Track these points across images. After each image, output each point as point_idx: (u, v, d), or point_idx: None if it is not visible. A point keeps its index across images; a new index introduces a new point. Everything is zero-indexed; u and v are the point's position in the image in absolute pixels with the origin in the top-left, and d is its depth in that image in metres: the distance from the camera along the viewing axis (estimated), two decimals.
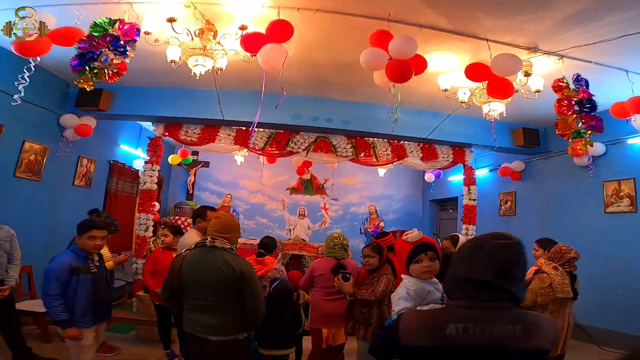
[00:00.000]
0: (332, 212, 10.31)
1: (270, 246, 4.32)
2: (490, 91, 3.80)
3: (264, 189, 10.24)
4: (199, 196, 9.98)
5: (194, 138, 6.14)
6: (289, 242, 6.77)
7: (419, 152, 6.60)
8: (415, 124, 6.22)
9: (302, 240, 9.82)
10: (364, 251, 3.53)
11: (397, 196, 10.73)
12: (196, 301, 2.46)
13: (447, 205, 10.13)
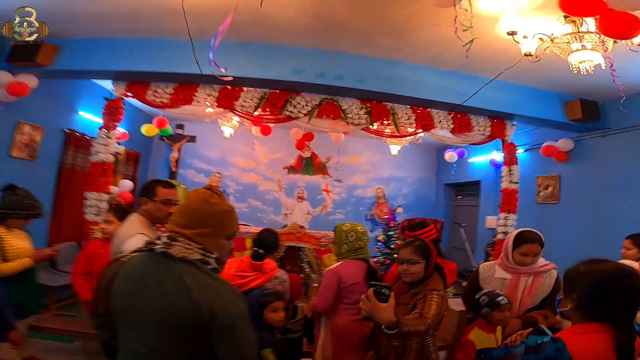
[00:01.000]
0: (335, 195, 9.00)
1: (272, 244, 3.07)
2: (608, 28, 2.63)
3: (258, 167, 8.87)
4: (183, 175, 8.63)
5: (164, 99, 4.74)
6: (284, 230, 5.43)
7: (450, 123, 5.22)
8: (447, 88, 4.86)
9: (300, 228, 8.56)
10: (402, 254, 2.30)
11: (408, 179, 9.39)
12: (129, 343, 1.30)
13: (465, 190, 8.81)
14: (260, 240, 3.00)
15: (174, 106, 4.75)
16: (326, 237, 5.43)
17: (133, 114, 7.42)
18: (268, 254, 2.92)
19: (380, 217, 8.98)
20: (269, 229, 3.25)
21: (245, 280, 2.76)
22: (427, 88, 4.79)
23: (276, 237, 3.14)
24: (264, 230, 3.19)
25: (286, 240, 5.42)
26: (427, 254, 2.25)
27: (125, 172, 7.37)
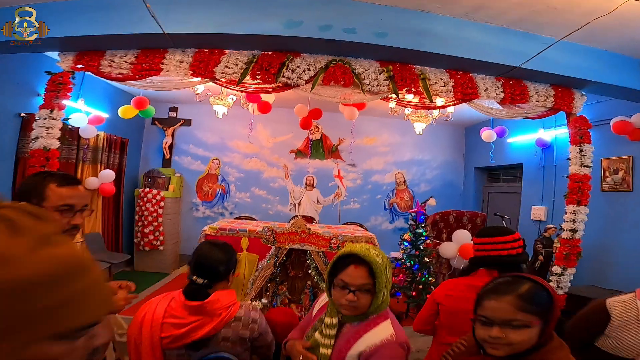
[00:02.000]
0: (349, 181, 7.87)
1: (219, 268, 1.86)
2: None
3: (261, 152, 7.75)
4: (178, 162, 7.59)
5: (124, 69, 3.62)
6: (285, 230, 4.33)
7: (499, 91, 3.96)
8: (498, 47, 3.66)
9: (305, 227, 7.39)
10: (492, 308, 1.22)
11: (432, 162, 8.14)
12: None
13: (502, 175, 7.50)
14: (199, 264, 1.82)
15: (138, 77, 3.63)
16: (338, 237, 4.31)
17: (115, 96, 6.38)
18: (215, 283, 1.81)
19: (400, 206, 7.83)
20: (212, 241, 2.00)
21: (183, 331, 1.68)
22: (469, 45, 3.56)
23: (228, 253, 1.93)
24: (204, 244, 1.96)
25: (288, 241, 4.32)
26: (546, 309, 1.17)
27: (108, 161, 6.35)
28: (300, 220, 4.39)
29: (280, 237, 4.33)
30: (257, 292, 4.40)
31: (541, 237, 5.39)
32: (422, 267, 4.56)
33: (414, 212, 4.67)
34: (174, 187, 7.12)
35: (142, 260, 6.93)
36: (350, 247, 1.57)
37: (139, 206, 6.83)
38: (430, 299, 2.05)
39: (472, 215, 5.06)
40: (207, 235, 5.06)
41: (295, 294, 4.88)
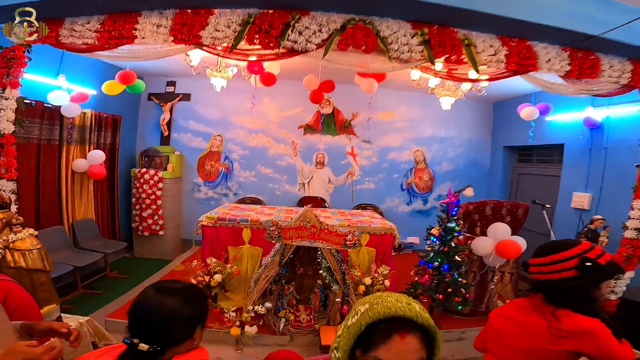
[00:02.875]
0: (363, 159, 7.15)
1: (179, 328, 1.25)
2: None
3: (267, 127, 7.02)
4: (177, 140, 6.93)
5: (89, 39, 2.92)
6: (289, 225, 3.68)
7: (565, 63, 3.17)
8: (569, 11, 2.86)
9: (320, 200, 6.90)
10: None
11: (456, 140, 7.32)
12: None
13: (537, 156, 6.66)
14: (139, 321, 1.23)
15: (107, 47, 2.90)
16: (354, 232, 3.66)
17: (102, 70, 5.63)
18: (169, 348, 1.19)
19: (419, 187, 7.13)
20: (163, 286, 1.30)
21: None
22: (531, 6, 2.74)
23: (191, 303, 1.30)
24: (150, 290, 1.28)
25: (295, 237, 3.69)
26: None
27: (98, 141, 5.71)
28: (309, 212, 3.73)
29: (287, 232, 3.69)
30: (261, 294, 3.82)
31: (585, 230, 4.67)
32: (452, 267, 3.90)
33: (446, 203, 3.97)
34: (173, 167, 6.49)
35: (141, 246, 6.42)
36: (383, 302, 0.98)
37: (135, 188, 6.25)
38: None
39: (513, 206, 4.34)
40: (203, 227, 4.45)
41: (304, 293, 4.29)
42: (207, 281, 4.09)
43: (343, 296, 3.76)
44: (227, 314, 3.55)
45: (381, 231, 4.46)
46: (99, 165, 5.45)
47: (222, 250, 4.42)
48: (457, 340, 4.07)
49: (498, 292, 4.40)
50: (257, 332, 3.61)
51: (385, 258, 4.47)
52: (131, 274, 5.58)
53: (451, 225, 3.94)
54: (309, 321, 3.93)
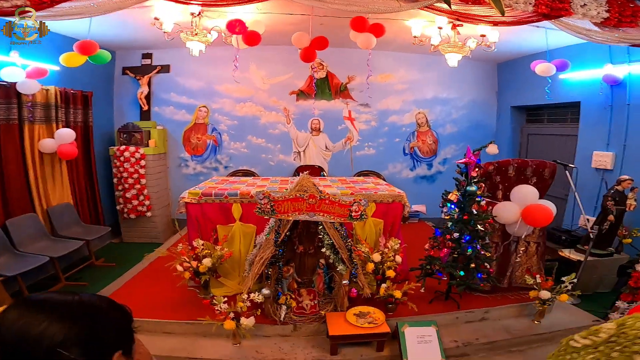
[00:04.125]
0: (361, 123, 6.46)
1: None
2: None
3: (255, 95, 6.27)
4: (159, 114, 6.18)
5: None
6: (286, 197, 3.01)
7: (602, 9, 2.58)
8: None
9: (318, 168, 6.21)
10: None
11: (459, 101, 6.62)
12: None
13: (546, 116, 6.02)
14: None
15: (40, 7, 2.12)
16: (360, 201, 3.01)
17: (63, 44, 4.78)
18: None
19: (422, 151, 6.46)
20: (34, 301, 0.71)
21: None
22: None
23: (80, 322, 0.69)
24: (12, 312, 0.67)
25: (292, 211, 3.03)
26: None
27: (67, 119, 4.96)
28: (306, 180, 3.05)
29: (281, 205, 3.02)
30: (257, 279, 3.19)
31: (612, 192, 4.07)
32: (474, 238, 3.27)
33: (464, 163, 3.30)
34: (155, 142, 5.77)
35: (129, 230, 5.79)
36: None
37: (116, 167, 5.55)
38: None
39: (539, 166, 3.68)
40: (187, 204, 3.77)
41: (306, 275, 3.66)
42: (195, 267, 3.46)
43: (350, 277, 3.14)
44: (217, 305, 2.92)
45: (389, 199, 3.81)
46: (70, 144, 4.73)
47: (210, 230, 3.77)
48: (480, 320, 3.50)
49: (523, 265, 3.80)
50: (255, 323, 3.01)
51: (395, 230, 3.84)
52: (119, 261, 4.97)
53: (471, 189, 3.28)
54: (313, 307, 3.34)
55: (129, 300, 3.68)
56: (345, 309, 3.17)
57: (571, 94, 5.20)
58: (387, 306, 3.31)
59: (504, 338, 3.29)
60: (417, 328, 3.05)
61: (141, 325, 3.31)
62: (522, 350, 3.23)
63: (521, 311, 3.59)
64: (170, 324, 3.28)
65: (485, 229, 3.31)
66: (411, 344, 2.96)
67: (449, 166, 6.51)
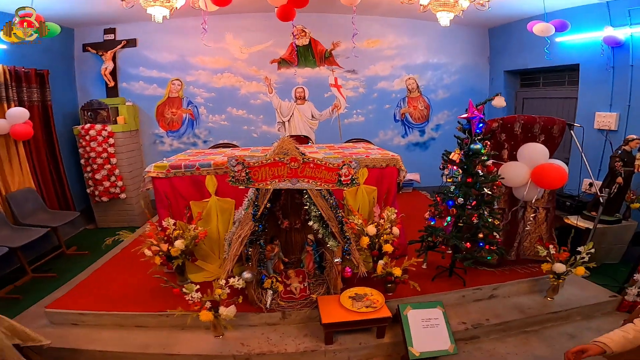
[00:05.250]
0: (349, 90, 5.89)
1: None
2: None
3: (234, 65, 5.62)
4: (127, 89, 5.51)
5: None
6: (263, 162, 2.44)
7: None
8: None
9: (304, 138, 5.62)
10: None
11: (450, 67, 6.07)
12: None
13: (541, 79, 5.58)
14: None
15: None
16: (351, 163, 2.47)
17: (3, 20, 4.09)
18: None
19: (413, 117, 5.94)
20: None
21: None
22: None
23: None
24: None
25: (271, 178, 2.47)
26: None
27: (20, 98, 4.33)
28: (287, 142, 2.50)
29: (258, 172, 2.47)
30: (236, 261, 2.67)
31: (620, 152, 3.62)
32: (481, 204, 2.78)
33: (466, 118, 2.77)
34: (124, 119, 5.12)
35: (103, 214, 5.20)
36: None
37: (82, 147, 4.92)
38: None
39: (547, 123, 3.18)
40: (154, 179, 3.20)
41: (294, 254, 3.15)
42: (167, 251, 2.92)
43: (343, 254, 2.63)
44: (188, 295, 2.40)
45: (382, 163, 3.27)
46: (24, 124, 4.09)
47: (183, 208, 3.21)
48: (489, 299, 3.07)
49: (532, 234, 3.34)
50: (238, 312, 2.52)
51: (390, 198, 3.32)
52: (93, 248, 4.39)
53: (475, 147, 2.76)
54: (302, 290, 2.84)
55: (97, 292, 2.97)
56: (339, 291, 2.69)
57: (569, 56, 4.85)
58: (385, 286, 2.83)
59: (517, 318, 2.86)
60: (421, 310, 2.59)
61: (109, 319, 2.79)
62: (537, 331, 2.83)
63: (532, 287, 3.16)
64: (142, 317, 2.77)
65: (492, 192, 2.82)
66: (416, 329, 2.50)
67: (442, 132, 6.01)
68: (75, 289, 3.18)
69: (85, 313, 2.79)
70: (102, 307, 2.83)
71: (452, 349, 2.46)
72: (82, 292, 3.09)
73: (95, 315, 2.78)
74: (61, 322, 2.82)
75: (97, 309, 2.81)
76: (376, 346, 2.56)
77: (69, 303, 2.90)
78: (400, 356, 2.54)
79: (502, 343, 2.74)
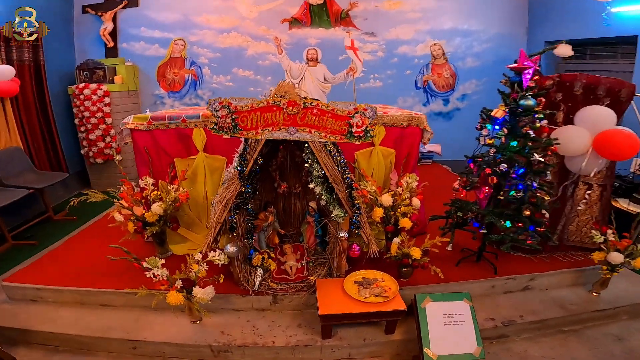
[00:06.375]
0: (367, 53, 5.16)
1: None
2: None
3: (241, 25, 4.97)
4: (127, 50, 4.96)
5: None
6: (254, 107, 1.81)
7: None
8: None
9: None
10: None
11: (482, 34, 5.22)
12: None
13: (588, 52, 4.71)
14: None
15: None
16: (366, 111, 1.82)
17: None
18: None
19: (437, 84, 5.20)
20: None
21: None
22: None
23: None
24: None
25: (262, 125, 1.85)
26: None
27: (9, 58, 3.84)
28: (286, 85, 1.85)
29: (247, 118, 1.84)
30: (219, 231, 2.07)
31: None
32: (530, 174, 2.09)
33: (516, 68, 2.07)
34: (122, 79, 4.58)
35: (98, 177, 4.74)
36: None
37: (76, 107, 4.43)
38: None
39: (614, 85, 2.45)
40: (133, 132, 2.62)
41: (292, 225, 2.58)
42: (141, 216, 2.35)
43: (351, 227, 1.99)
44: (151, 271, 1.84)
45: (403, 122, 2.59)
46: (10, 81, 3.57)
47: (166, 166, 2.63)
48: (522, 290, 2.44)
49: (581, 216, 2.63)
50: (218, 294, 1.95)
51: (410, 163, 2.65)
52: (82, 213, 3.87)
53: (527, 102, 2.05)
54: (299, 270, 2.24)
55: (62, 263, 2.59)
56: (344, 274, 2.08)
57: (627, 27, 4.03)
58: (400, 270, 2.21)
59: (557, 315, 2.23)
60: (443, 303, 1.98)
61: (70, 295, 2.27)
62: (577, 331, 2.23)
63: (576, 279, 2.51)
64: (107, 294, 2.24)
65: (546, 161, 2.12)
66: (435, 326, 1.89)
67: (469, 103, 5.22)
68: (41, 260, 2.68)
69: (42, 288, 2.28)
70: (64, 282, 2.30)
71: (478, 352, 1.86)
72: (47, 264, 2.59)
73: (54, 291, 2.27)
74: (19, 297, 2.32)
75: (58, 283, 2.29)
76: (383, 343, 1.98)
77: (29, 276, 2.39)
78: (411, 356, 1.96)
79: (535, 344, 2.15)
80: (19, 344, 2.08)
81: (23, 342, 2.09)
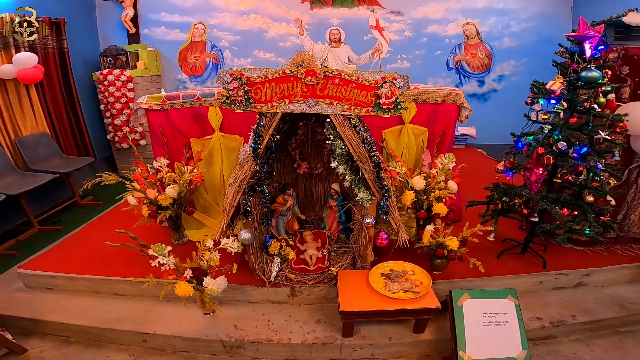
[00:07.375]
0: (393, 33, 4.76)
1: None
2: None
3: (260, 6, 4.69)
4: (149, 36, 4.79)
5: None
6: (269, 77, 1.52)
7: None
8: None
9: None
10: None
11: (521, 13, 4.68)
12: None
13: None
14: None
15: None
16: (398, 77, 1.50)
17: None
18: None
19: (471, 65, 4.73)
20: None
21: None
22: None
23: None
24: None
25: (277, 97, 1.58)
26: None
27: (33, 45, 3.71)
28: (304, 55, 1.54)
29: (261, 90, 1.54)
30: (232, 215, 1.83)
31: None
32: (594, 153, 1.71)
33: (576, 37, 1.68)
34: (145, 64, 4.43)
35: (124, 162, 4.65)
36: None
37: (101, 93, 4.33)
38: None
39: None
40: (147, 112, 2.43)
41: (314, 210, 2.31)
42: (154, 199, 2.16)
43: (378, 212, 1.69)
44: (157, 259, 1.62)
45: (436, 97, 2.24)
46: (32, 68, 3.45)
47: (182, 147, 2.42)
48: (575, 287, 2.07)
49: None
50: (232, 284, 1.73)
51: (445, 142, 2.30)
52: (108, 198, 3.77)
53: (591, 74, 1.66)
54: (320, 260, 1.97)
55: (80, 250, 2.43)
56: (369, 265, 1.79)
57: None
58: (432, 262, 1.90)
59: (615, 315, 1.87)
60: (484, 301, 1.66)
61: (83, 283, 2.11)
62: (634, 332, 1.89)
63: (637, 275, 2.11)
64: (119, 283, 2.07)
65: (613, 138, 1.73)
66: (473, 326, 1.59)
67: (507, 84, 4.71)
68: (59, 246, 2.55)
69: (57, 275, 2.13)
70: (79, 270, 2.15)
71: (523, 356, 1.55)
72: (64, 250, 2.45)
73: (68, 279, 2.12)
74: (34, 285, 2.19)
75: (73, 271, 2.14)
76: (411, 343, 1.70)
77: (46, 263, 2.26)
78: (441, 357, 1.69)
79: (586, 346, 1.82)
80: (32, 334, 1.95)
81: (36, 332, 1.96)
